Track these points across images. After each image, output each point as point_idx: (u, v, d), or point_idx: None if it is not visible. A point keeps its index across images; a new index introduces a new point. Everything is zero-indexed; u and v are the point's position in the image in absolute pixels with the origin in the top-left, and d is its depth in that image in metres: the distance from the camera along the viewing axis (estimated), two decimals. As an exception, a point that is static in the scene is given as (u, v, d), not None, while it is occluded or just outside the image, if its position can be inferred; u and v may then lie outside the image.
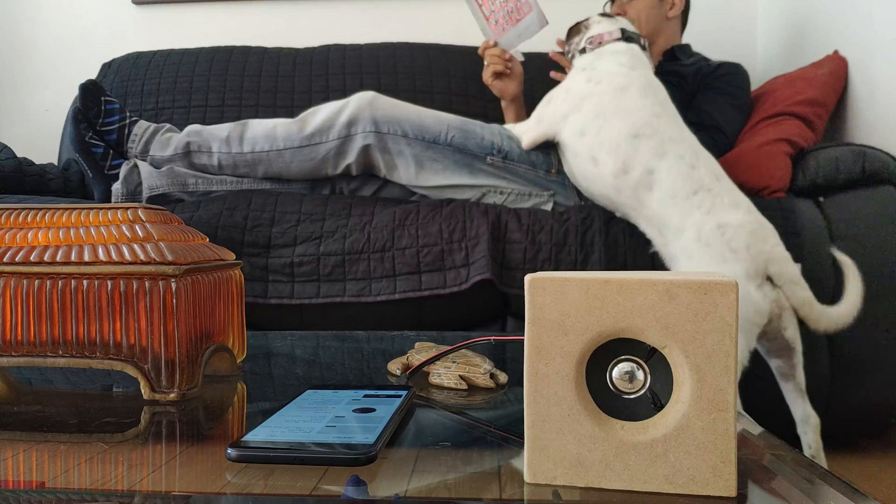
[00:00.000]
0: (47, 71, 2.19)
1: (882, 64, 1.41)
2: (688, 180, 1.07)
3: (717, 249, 1.02)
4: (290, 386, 0.57)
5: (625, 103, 1.16)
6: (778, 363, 1.05)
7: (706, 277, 0.32)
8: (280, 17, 2.12)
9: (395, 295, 1.18)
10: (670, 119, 1.15)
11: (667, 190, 1.08)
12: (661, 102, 1.17)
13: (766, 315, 1.00)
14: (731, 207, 1.05)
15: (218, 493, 0.33)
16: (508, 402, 0.52)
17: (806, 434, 1.03)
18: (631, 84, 1.18)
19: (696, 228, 1.04)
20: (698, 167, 1.08)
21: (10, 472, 0.36)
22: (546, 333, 0.34)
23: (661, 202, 1.09)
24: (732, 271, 0.99)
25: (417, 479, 0.35)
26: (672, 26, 1.62)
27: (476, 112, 1.76)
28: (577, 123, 1.20)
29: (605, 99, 1.18)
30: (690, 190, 1.07)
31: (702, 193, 1.06)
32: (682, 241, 1.06)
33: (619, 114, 1.15)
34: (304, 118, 1.33)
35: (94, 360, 0.52)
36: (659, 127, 1.13)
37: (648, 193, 1.11)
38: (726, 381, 0.32)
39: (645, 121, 1.13)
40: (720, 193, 1.06)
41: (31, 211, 0.56)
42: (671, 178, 1.08)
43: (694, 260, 1.04)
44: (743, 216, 1.03)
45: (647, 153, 1.11)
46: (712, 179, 1.08)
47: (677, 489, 0.32)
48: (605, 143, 1.15)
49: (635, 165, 1.12)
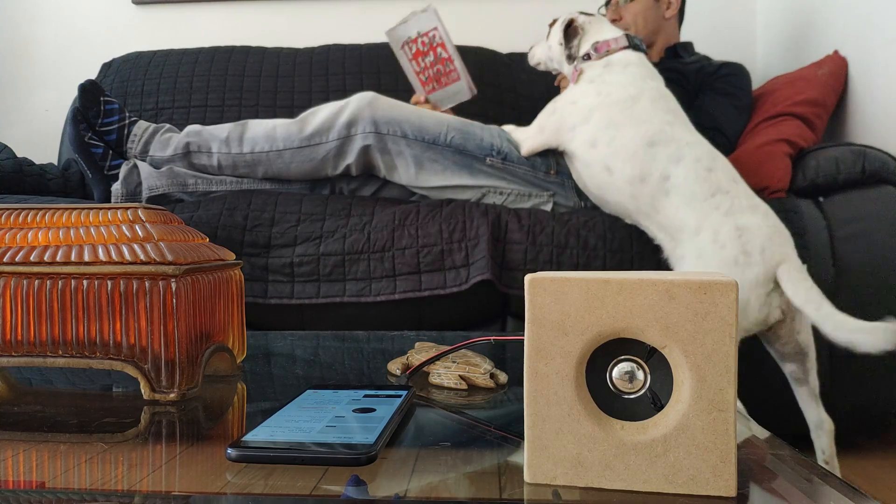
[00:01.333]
0: (47, 71, 2.19)
1: (882, 64, 1.41)
2: (706, 183, 1.07)
3: (731, 252, 1.01)
4: (290, 386, 0.57)
5: (636, 113, 1.15)
6: (791, 368, 1.05)
7: (706, 277, 0.32)
8: (280, 17, 2.12)
9: (395, 295, 1.18)
10: (683, 126, 1.15)
11: (684, 194, 1.08)
12: (673, 111, 1.17)
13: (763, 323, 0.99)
14: (750, 210, 1.04)
15: (218, 493, 0.33)
16: (508, 401, 0.52)
17: (820, 439, 1.02)
18: (642, 94, 1.17)
19: (714, 230, 1.04)
20: (715, 170, 1.08)
21: (10, 472, 0.36)
22: (546, 333, 0.34)
23: (678, 207, 1.08)
24: (743, 276, 0.99)
25: (417, 479, 0.35)
26: (670, 25, 1.62)
27: (475, 112, 1.76)
28: (588, 134, 1.19)
29: (615, 109, 1.17)
30: (708, 192, 1.06)
31: (720, 196, 1.06)
32: (696, 242, 1.05)
33: (631, 123, 1.14)
34: (303, 119, 1.33)
35: (94, 360, 0.52)
36: (674, 134, 1.12)
37: (665, 199, 1.10)
38: (726, 381, 0.32)
39: (659, 128, 1.13)
40: (738, 196, 1.06)
41: (31, 211, 0.56)
42: (689, 183, 1.08)
43: (703, 260, 1.03)
44: (761, 220, 1.03)
45: (664, 160, 1.10)
46: (730, 182, 1.07)
47: (677, 489, 0.32)
48: (620, 152, 1.14)
49: (652, 172, 1.11)
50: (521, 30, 2.07)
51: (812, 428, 1.04)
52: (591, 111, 1.20)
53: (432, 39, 1.45)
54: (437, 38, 1.45)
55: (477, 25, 2.07)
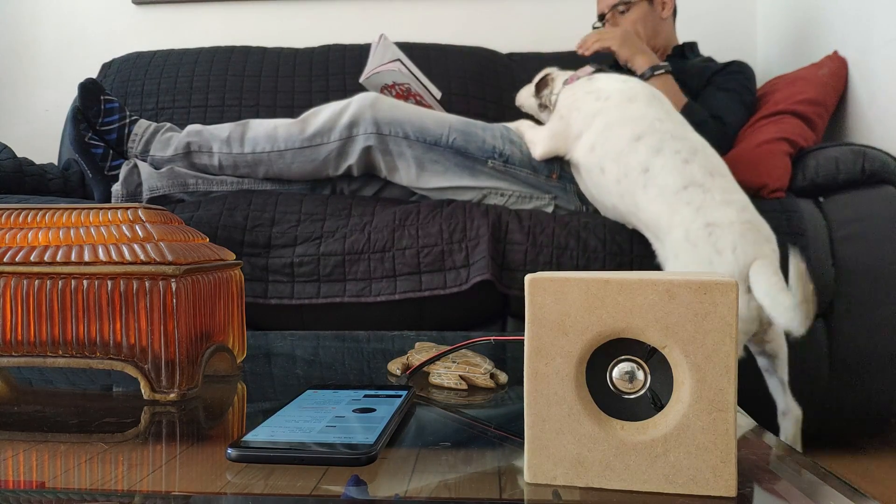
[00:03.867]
0: (47, 71, 2.19)
1: (882, 64, 1.41)
2: (679, 175, 1.04)
3: (704, 251, 0.98)
4: (290, 386, 0.57)
5: (630, 112, 1.15)
6: (763, 363, 1.05)
7: (706, 277, 0.32)
8: (280, 17, 2.12)
9: (396, 295, 1.18)
10: (675, 122, 1.14)
11: (657, 185, 1.06)
12: (667, 110, 1.16)
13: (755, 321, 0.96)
14: (722, 205, 1.00)
15: (218, 493, 0.33)
16: (508, 401, 0.52)
17: (785, 422, 1.03)
18: (638, 95, 1.17)
19: (685, 227, 1.01)
20: (692, 162, 1.05)
21: (10, 472, 0.36)
22: (546, 333, 0.34)
23: (651, 200, 1.06)
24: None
25: (417, 479, 0.35)
26: (668, 25, 1.63)
27: (476, 112, 1.76)
28: (589, 140, 1.20)
29: (613, 111, 1.17)
30: (680, 185, 1.03)
31: (692, 189, 1.02)
32: (671, 240, 1.03)
33: (623, 122, 1.14)
34: (305, 119, 1.33)
35: (94, 360, 0.52)
36: (661, 127, 1.11)
37: (643, 193, 1.08)
38: (726, 381, 0.32)
39: (648, 125, 1.12)
40: (712, 190, 1.02)
41: (31, 211, 0.56)
42: (664, 174, 1.06)
43: (681, 260, 1.01)
44: (734, 215, 0.98)
45: (645, 152, 1.09)
46: (705, 175, 1.04)
47: (677, 489, 0.32)
48: (610, 152, 1.14)
49: (633, 166, 1.10)
50: (521, 30, 2.07)
51: (779, 413, 1.04)
52: (593, 117, 1.20)
53: (407, 91, 1.49)
54: (412, 89, 1.49)
55: (477, 25, 2.07)
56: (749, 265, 0.95)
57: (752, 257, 0.95)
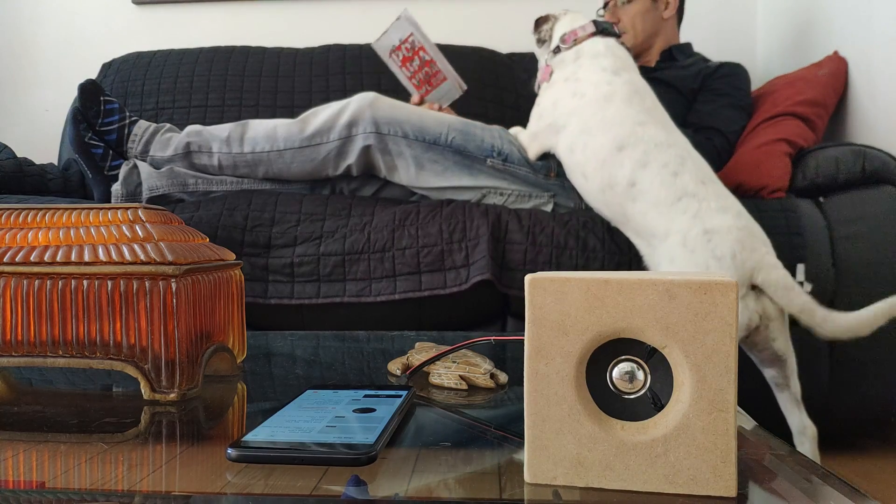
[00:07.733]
0: (47, 71, 2.19)
1: (882, 64, 1.41)
2: (671, 189, 1.04)
3: (702, 256, 0.98)
4: (290, 386, 0.57)
5: (609, 115, 1.13)
6: (771, 373, 1.03)
7: (706, 277, 0.32)
8: (280, 17, 2.12)
9: (395, 295, 1.18)
10: (657, 125, 1.12)
11: (649, 200, 1.06)
12: (648, 109, 1.14)
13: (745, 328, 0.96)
14: (719, 212, 1.01)
15: (218, 493, 0.33)
16: (508, 401, 0.52)
17: (802, 445, 1.00)
18: (615, 93, 1.15)
19: (682, 234, 1.01)
20: (682, 174, 1.05)
21: (10, 472, 0.36)
22: (546, 333, 0.34)
23: (644, 214, 1.06)
24: None
25: (417, 479, 0.35)
26: (669, 26, 1.62)
27: (476, 112, 1.76)
28: (568, 139, 1.19)
29: (589, 112, 1.16)
30: (674, 197, 1.04)
31: (686, 199, 1.03)
32: (666, 246, 1.03)
33: (602, 128, 1.13)
34: (304, 119, 1.33)
35: (94, 360, 0.52)
36: (644, 135, 1.10)
37: (633, 205, 1.08)
38: (726, 381, 0.32)
39: (629, 131, 1.10)
40: (706, 198, 1.03)
41: (31, 211, 0.56)
42: (654, 189, 1.06)
43: (675, 265, 1.01)
44: (731, 221, 0.99)
45: (631, 166, 1.08)
46: (697, 185, 1.04)
47: (677, 489, 0.32)
48: (591, 160, 1.13)
49: (619, 180, 1.09)
50: (521, 30, 2.06)
51: (795, 434, 1.01)
52: (569, 115, 1.20)
53: (413, 45, 1.48)
54: (416, 42, 1.48)
55: (477, 25, 2.07)
56: (750, 271, 0.96)
57: (753, 263, 0.96)
